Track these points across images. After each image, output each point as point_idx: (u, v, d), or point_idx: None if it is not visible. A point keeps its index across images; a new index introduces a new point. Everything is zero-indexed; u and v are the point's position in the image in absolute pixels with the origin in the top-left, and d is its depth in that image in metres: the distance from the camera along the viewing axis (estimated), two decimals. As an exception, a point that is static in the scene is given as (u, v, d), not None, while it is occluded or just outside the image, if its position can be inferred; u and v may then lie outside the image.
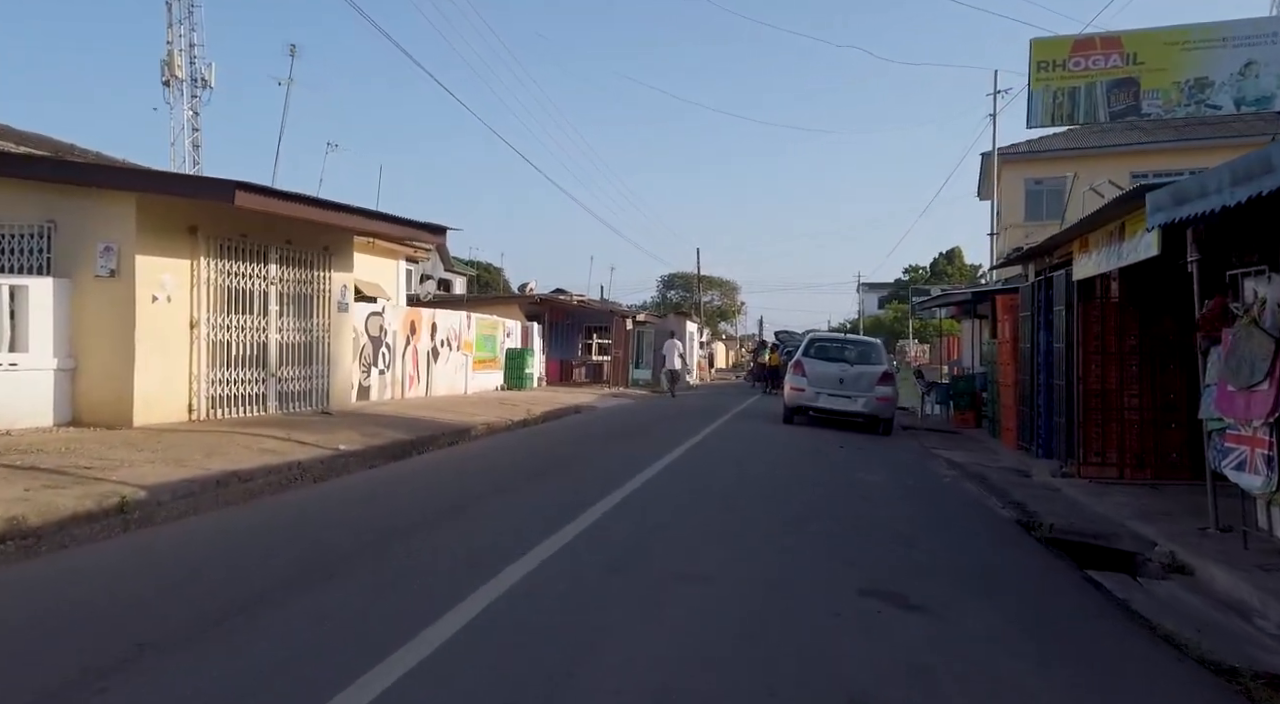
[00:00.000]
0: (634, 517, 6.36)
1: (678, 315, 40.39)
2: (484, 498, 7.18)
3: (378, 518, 6.33)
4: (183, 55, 46.38)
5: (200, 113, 45.55)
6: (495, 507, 6.76)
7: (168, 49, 46.06)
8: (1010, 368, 12.61)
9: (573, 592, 4.37)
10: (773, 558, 5.31)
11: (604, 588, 4.48)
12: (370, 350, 15.46)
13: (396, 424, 11.93)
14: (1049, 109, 22.94)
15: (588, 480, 8.04)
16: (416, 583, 4.49)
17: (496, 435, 12.96)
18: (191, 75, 47.31)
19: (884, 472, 9.76)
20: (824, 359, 14.88)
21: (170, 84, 45.62)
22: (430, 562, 4.98)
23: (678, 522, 6.35)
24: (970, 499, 8.25)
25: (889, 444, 13.16)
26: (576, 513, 6.24)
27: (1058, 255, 10.38)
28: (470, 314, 20.37)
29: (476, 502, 7.09)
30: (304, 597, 4.21)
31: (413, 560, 4.99)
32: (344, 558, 5.00)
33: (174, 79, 45.57)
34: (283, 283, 11.71)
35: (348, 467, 9.20)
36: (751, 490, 8.01)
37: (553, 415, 16.62)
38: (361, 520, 6.23)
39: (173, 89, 46.15)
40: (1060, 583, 5.28)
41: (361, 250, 20.47)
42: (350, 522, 6.21)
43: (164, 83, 45.61)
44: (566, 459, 9.68)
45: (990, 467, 10.55)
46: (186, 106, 45.52)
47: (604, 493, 7.18)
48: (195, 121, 45.07)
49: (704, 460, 9.79)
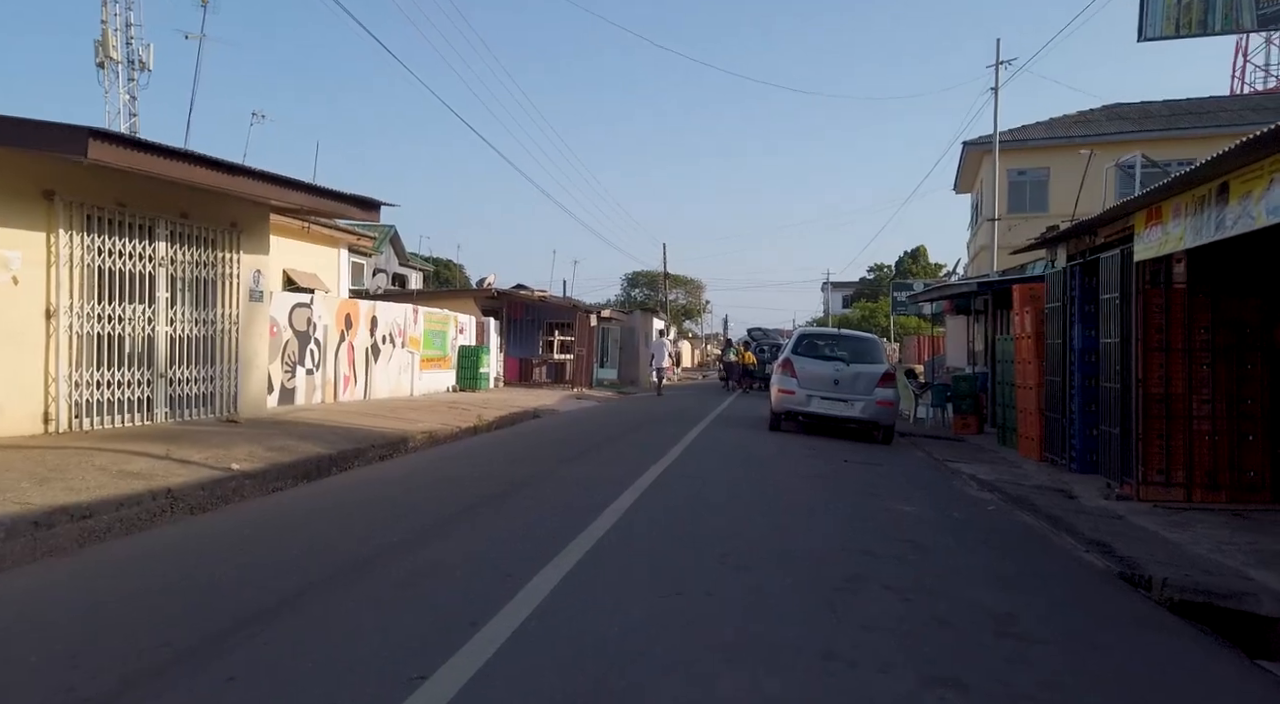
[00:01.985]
0: (599, 601, 4.17)
1: (644, 312, 38.63)
2: (389, 554, 5.24)
3: (225, 591, 4.36)
4: (118, 35, 43.74)
5: (138, 97, 42.96)
6: (402, 571, 4.77)
7: (102, 29, 43.47)
8: (1032, 367, 11.02)
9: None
10: (825, 683, 3.27)
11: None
12: (296, 347, 13.42)
13: (318, 435, 9.98)
14: (1170, 13, 17.94)
15: (533, 523, 6.00)
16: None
17: (438, 447, 11.05)
18: (128, 57, 44.64)
19: (913, 496, 8.00)
20: (816, 357, 13.09)
21: (105, 66, 43.00)
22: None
23: (664, 616, 3.99)
24: (1036, 537, 6.45)
25: (896, 456, 11.47)
26: (506, 595, 4.15)
27: (1105, 234, 8.79)
28: (417, 308, 18.35)
29: (377, 558, 5.20)
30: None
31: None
32: (126, 682, 3.07)
33: (109, 61, 42.95)
34: (176, 265, 9.67)
35: (241, 492, 7.27)
36: (759, 535, 5.90)
37: (506, 421, 14.72)
38: (204, 598, 4.25)
39: (107, 72, 43.54)
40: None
41: (296, 237, 18.37)
42: (191, 598, 4.25)
43: (98, 65, 42.95)
44: (509, 486, 7.67)
45: (1024, 485, 8.91)
46: (123, 90, 42.83)
47: (556, 544, 5.22)
48: (132, 106, 42.40)
49: (687, 487, 7.82)
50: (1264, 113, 27.94)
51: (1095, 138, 27.74)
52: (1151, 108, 28.95)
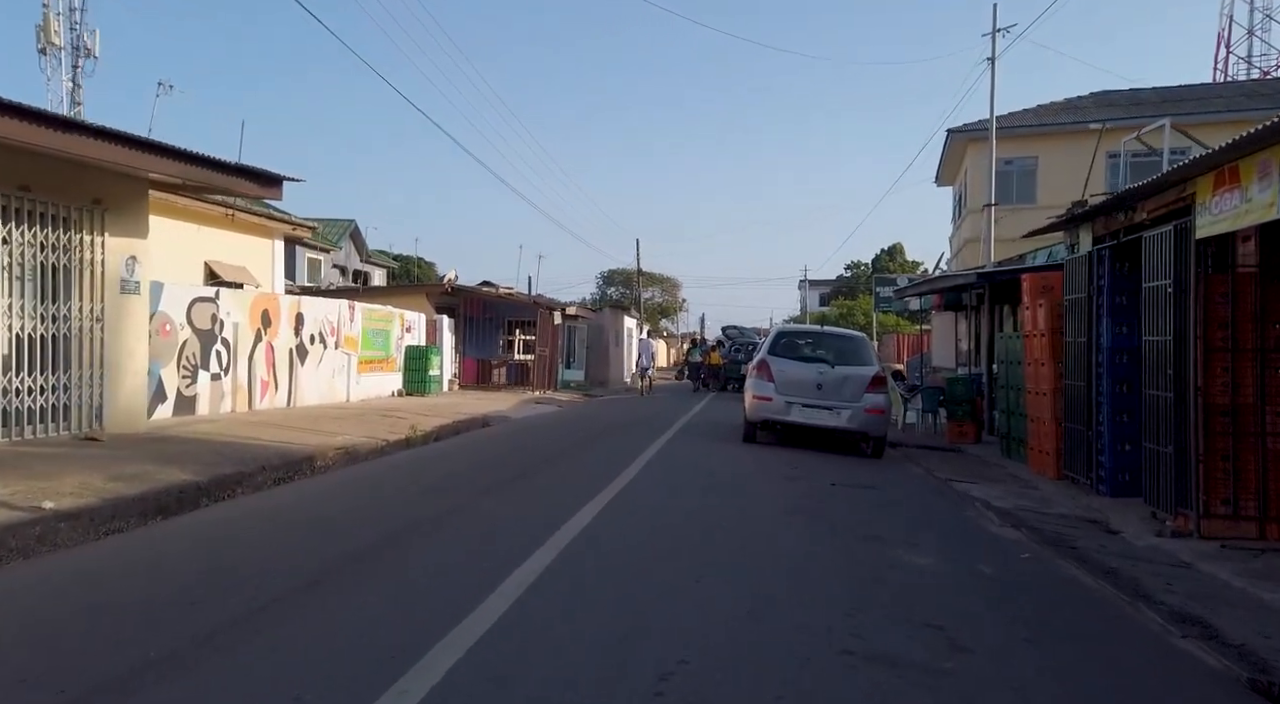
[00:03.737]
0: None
1: (614, 309, 36.93)
2: (195, 652, 3.55)
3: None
4: (61, 20, 41.59)
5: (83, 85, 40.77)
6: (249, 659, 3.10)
7: (44, 13, 41.32)
8: (1047, 369, 9.46)
9: None
10: None
11: None
12: (198, 348, 11.60)
13: (198, 455, 8.23)
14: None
15: (384, 619, 3.88)
16: None
17: (354, 466, 9.31)
18: (72, 43, 42.39)
19: (923, 538, 6.28)
20: (797, 359, 11.41)
21: (47, 52, 40.80)
22: None
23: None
24: (1100, 609, 4.62)
25: (890, 474, 9.84)
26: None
27: (1150, 209, 7.21)
28: (354, 304, 16.52)
29: (195, 652, 3.48)
30: None
31: None
32: None
33: (51, 47, 40.76)
34: (12, 249, 7.86)
35: (56, 537, 5.53)
36: (720, 628, 3.91)
37: (448, 431, 12.98)
38: None
39: (50, 58, 41.32)
40: None
41: (221, 225, 16.43)
42: None
43: (40, 51, 40.73)
44: (394, 534, 5.63)
45: (1049, 515, 7.33)
46: (66, 78, 40.58)
47: (397, 665, 3.32)
48: (77, 95, 40.14)
49: (632, 534, 5.88)
50: (1258, 99, 26.76)
51: (1085, 126, 26.46)
52: (1142, 94, 27.69)
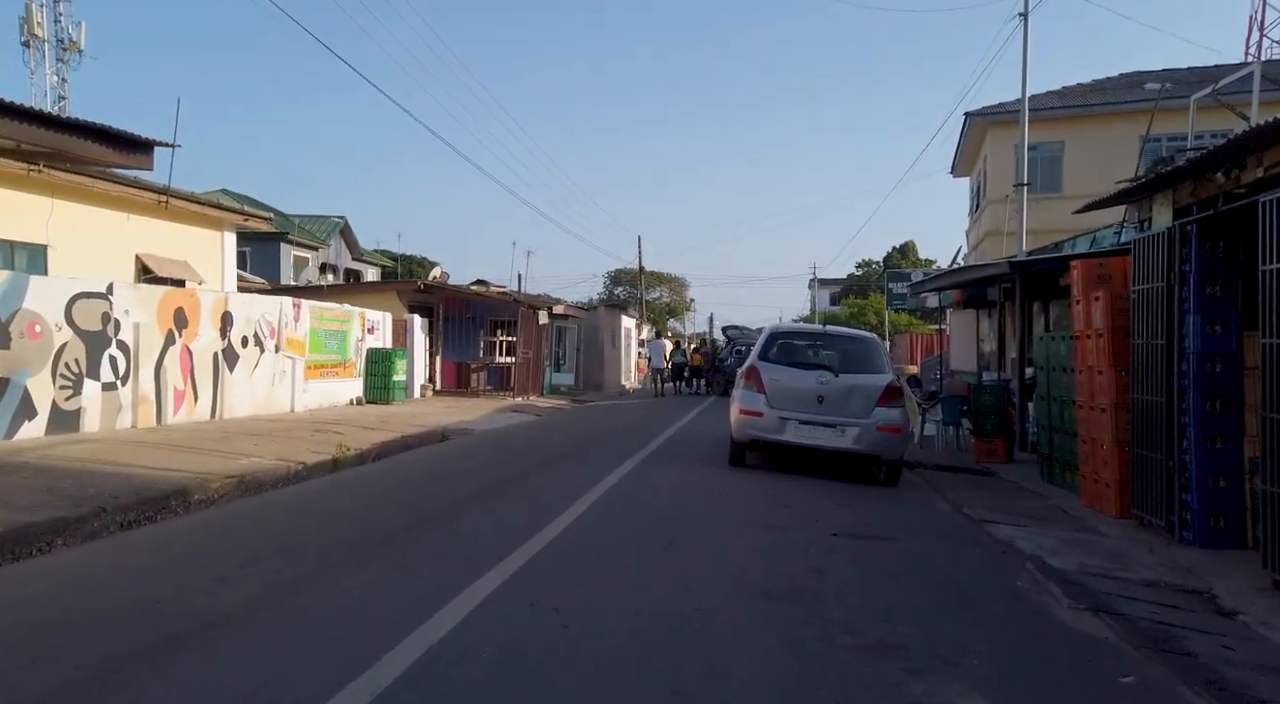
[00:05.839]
0: None
1: (609, 308, 35.07)
2: None
3: None
4: (44, 12, 40.29)
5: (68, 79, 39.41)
6: None
7: (26, 4, 40.09)
8: (1106, 378, 7.52)
9: None
10: None
11: None
12: (82, 354, 9.79)
13: (26, 489, 6.44)
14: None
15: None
16: None
17: (250, 497, 7.50)
18: (56, 35, 41.08)
19: (966, 640, 4.12)
20: (793, 366, 9.39)
21: (30, 45, 39.53)
22: None
23: None
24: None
25: (909, 514, 7.78)
26: None
27: (1267, 163, 5.26)
28: (298, 303, 14.68)
29: None
30: None
31: None
32: None
33: (34, 39, 39.48)
34: None
35: None
36: None
37: (395, 447, 11.17)
38: None
39: (33, 51, 40.03)
40: None
41: (153, 214, 14.67)
42: None
43: (23, 44, 39.49)
44: (176, 636, 3.66)
45: (1130, 581, 5.40)
46: (50, 71, 39.21)
47: None
48: (62, 88, 38.71)
49: (529, 639, 3.87)
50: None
51: (1114, 107, 24.46)
52: (1177, 74, 25.58)
